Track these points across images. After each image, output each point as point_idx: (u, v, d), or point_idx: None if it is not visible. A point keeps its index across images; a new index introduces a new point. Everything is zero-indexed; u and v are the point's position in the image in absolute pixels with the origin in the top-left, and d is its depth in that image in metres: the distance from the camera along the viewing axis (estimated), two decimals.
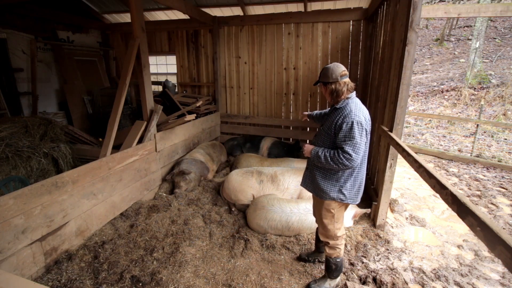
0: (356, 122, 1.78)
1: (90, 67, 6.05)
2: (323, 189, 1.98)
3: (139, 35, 3.29)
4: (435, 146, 6.70)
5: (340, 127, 1.82)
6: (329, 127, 1.92)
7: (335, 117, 1.89)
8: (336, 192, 1.95)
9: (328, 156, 1.83)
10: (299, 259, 2.58)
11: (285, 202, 3.00)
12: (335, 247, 2.12)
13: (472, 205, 1.25)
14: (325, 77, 1.90)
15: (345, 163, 1.78)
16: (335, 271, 2.17)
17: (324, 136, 1.96)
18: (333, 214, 2.04)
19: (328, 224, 2.07)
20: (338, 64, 1.92)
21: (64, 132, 3.76)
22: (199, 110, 5.28)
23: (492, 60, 11.45)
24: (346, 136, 1.79)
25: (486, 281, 2.39)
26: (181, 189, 3.68)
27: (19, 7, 4.76)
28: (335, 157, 1.80)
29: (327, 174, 1.97)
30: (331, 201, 1.99)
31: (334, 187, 1.95)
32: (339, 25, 4.80)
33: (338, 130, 1.84)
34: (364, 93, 4.69)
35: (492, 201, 3.83)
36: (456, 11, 3.54)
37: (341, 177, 1.93)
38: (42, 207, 2.24)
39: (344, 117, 1.82)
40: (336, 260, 2.14)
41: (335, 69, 1.88)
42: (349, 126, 1.78)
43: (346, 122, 1.79)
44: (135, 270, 2.32)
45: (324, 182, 1.97)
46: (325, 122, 1.99)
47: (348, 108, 1.85)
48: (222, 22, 5.39)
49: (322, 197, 2.00)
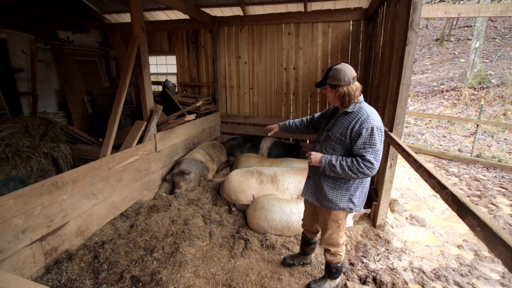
0: (376, 127, 1.68)
1: (90, 67, 6.05)
2: (331, 200, 1.86)
3: (139, 35, 3.29)
4: (435, 146, 6.70)
5: (358, 133, 1.69)
6: (342, 134, 1.77)
7: (349, 123, 1.75)
8: (346, 201, 1.85)
9: (345, 165, 1.69)
10: (284, 264, 2.48)
11: (285, 202, 3.00)
12: (336, 254, 2.07)
13: (472, 205, 1.25)
14: (336, 79, 1.75)
15: (366, 172, 1.66)
16: (335, 274, 2.17)
17: (335, 143, 1.81)
18: (339, 224, 1.95)
19: (332, 233, 1.99)
20: (347, 65, 1.78)
21: (64, 132, 3.76)
22: (199, 110, 5.28)
23: (492, 60, 11.45)
24: (366, 143, 1.67)
25: (486, 281, 2.39)
26: (181, 189, 3.67)
27: (19, 7, 4.75)
28: (354, 166, 1.67)
29: (336, 184, 1.84)
30: (340, 211, 1.89)
31: (344, 197, 1.84)
32: (339, 25, 4.80)
33: (356, 137, 1.70)
34: (364, 93, 4.63)
35: (492, 201, 3.83)
36: (456, 11, 3.54)
37: (352, 186, 1.83)
38: (42, 207, 2.24)
39: (362, 122, 1.70)
40: (337, 265, 2.11)
41: (347, 71, 1.73)
42: (369, 132, 1.67)
43: (366, 128, 1.67)
44: (135, 270, 2.32)
45: (333, 192, 1.85)
46: (334, 128, 1.84)
47: (364, 112, 1.73)
48: (222, 22, 5.39)
49: (330, 208, 1.88)
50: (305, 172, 2.58)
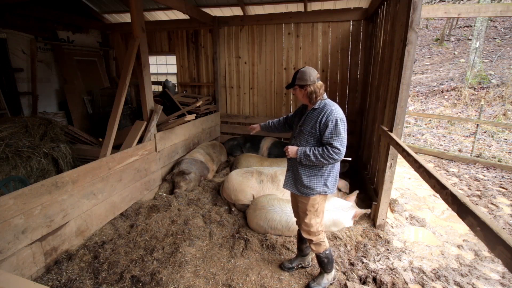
0: (340, 119, 1.95)
1: (90, 67, 6.05)
2: (309, 186, 2.08)
3: (139, 35, 3.29)
4: (435, 146, 6.70)
5: (325, 125, 1.96)
6: (312, 127, 2.03)
7: (317, 117, 2.01)
8: (321, 186, 2.08)
9: (318, 154, 1.95)
10: (283, 269, 2.46)
11: (285, 202, 3.00)
12: (320, 243, 2.19)
13: (472, 205, 1.25)
14: (303, 80, 2.01)
15: (335, 157, 1.92)
16: (328, 264, 2.23)
17: (307, 136, 2.07)
18: (316, 208, 2.15)
19: (311, 220, 2.16)
20: (310, 67, 2.05)
21: (64, 132, 3.76)
22: (199, 110, 5.28)
23: (492, 60, 11.45)
24: (332, 132, 1.94)
25: (486, 281, 2.39)
26: (181, 189, 3.67)
27: (19, 7, 4.75)
28: (324, 153, 1.93)
29: (312, 172, 2.08)
30: (317, 195, 2.10)
31: (319, 182, 2.07)
32: (339, 25, 4.80)
33: (323, 128, 1.97)
34: (364, 93, 4.69)
35: (492, 201, 3.83)
36: (456, 11, 3.54)
37: (325, 172, 2.07)
38: (42, 207, 2.24)
39: (327, 116, 1.96)
40: (326, 253, 2.20)
41: (311, 73, 2.01)
42: (334, 123, 1.94)
43: (331, 120, 1.94)
44: (135, 270, 2.32)
45: (309, 179, 2.08)
46: (305, 123, 2.09)
47: (328, 107, 1.99)
48: (222, 22, 5.39)
49: (308, 194, 2.10)
50: None
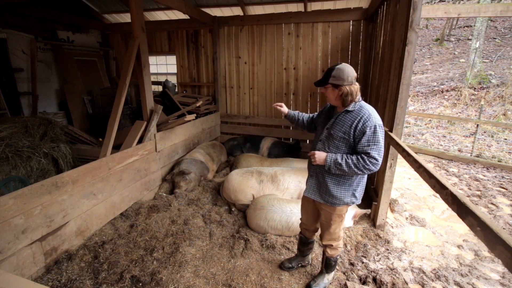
0: (379, 125, 1.76)
1: (90, 67, 6.05)
2: (337, 196, 1.92)
3: (139, 35, 3.29)
4: (435, 146, 6.70)
5: (362, 131, 1.75)
6: (345, 132, 1.82)
7: (352, 121, 1.80)
8: (349, 196, 1.93)
9: (351, 163, 1.75)
10: (282, 269, 2.45)
11: (285, 202, 3.00)
12: (337, 248, 2.17)
13: (472, 205, 1.25)
14: (339, 79, 1.78)
15: (371, 168, 1.73)
16: (334, 266, 2.26)
17: (337, 141, 1.86)
18: (342, 218, 2.05)
19: (336, 228, 2.07)
20: (348, 65, 1.81)
21: (64, 132, 3.75)
22: (199, 110, 5.28)
23: (492, 60, 11.45)
24: (370, 140, 1.74)
25: (486, 281, 2.39)
26: (181, 189, 3.67)
27: (19, 7, 4.75)
28: (360, 163, 1.74)
29: (340, 181, 1.91)
30: (344, 206, 1.97)
31: (347, 192, 1.92)
32: (339, 25, 4.79)
33: (359, 135, 1.76)
34: (364, 93, 4.69)
35: (492, 201, 3.83)
36: (456, 11, 3.54)
37: (354, 182, 1.91)
38: (42, 207, 2.24)
39: (365, 121, 1.75)
40: (337, 258, 2.23)
41: (350, 72, 1.78)
42: (372, 130, 1.73)
43: (369, 126, 1.73)
44: (135, 270, 2.32)
45: (337, 188, 1.92)
46: (335, 126, 1.88)
47: (365, 111, 1.78)
48: (222, 22, 5.39)
49: (335, 204, 1.95)
50: (305, 172, 2.58)
